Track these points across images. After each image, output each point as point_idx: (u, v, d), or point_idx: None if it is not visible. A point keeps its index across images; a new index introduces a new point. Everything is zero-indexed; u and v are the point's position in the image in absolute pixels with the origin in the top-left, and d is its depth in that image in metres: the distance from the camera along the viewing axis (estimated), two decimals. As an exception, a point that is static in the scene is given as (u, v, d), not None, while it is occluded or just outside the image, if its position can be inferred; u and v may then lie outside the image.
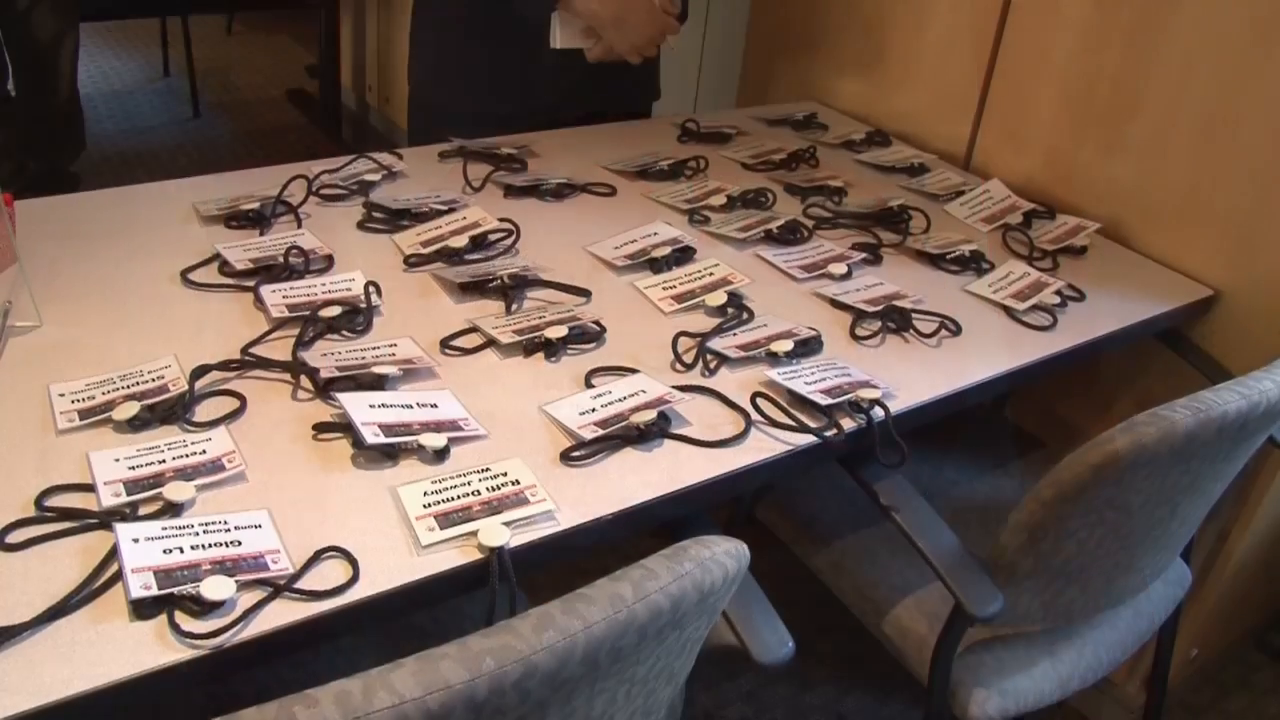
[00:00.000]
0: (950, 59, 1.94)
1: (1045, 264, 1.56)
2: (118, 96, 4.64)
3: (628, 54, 1.74)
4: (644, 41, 1.73)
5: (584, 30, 1.74)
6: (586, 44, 1.75)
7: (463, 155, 1.64)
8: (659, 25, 1.74)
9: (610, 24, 1.71)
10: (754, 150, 1.83)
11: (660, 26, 1.74)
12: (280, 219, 1.40)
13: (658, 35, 1.75)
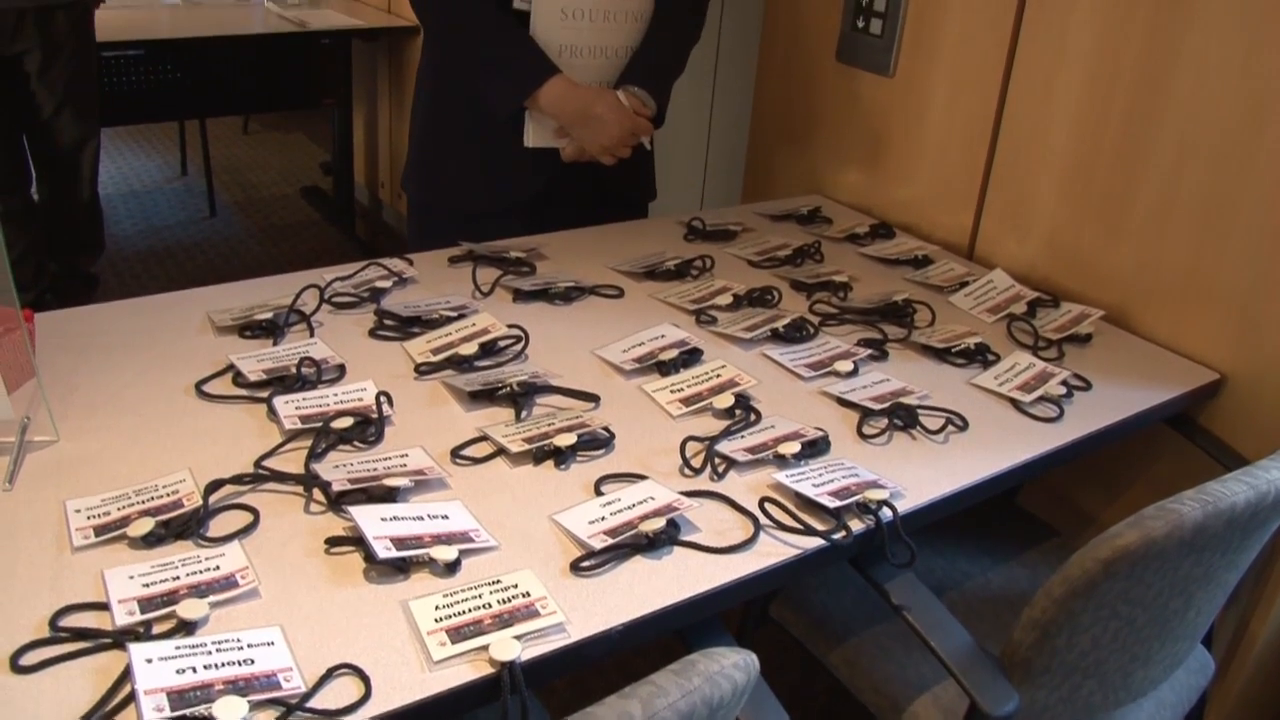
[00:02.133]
0: (950, 150, 1.97)
1: (1050, 353, 1.57)
2: (136, 196, 4.73)
3: (598, 154, 1.79)
4: (613, 142, 1.77)
5: (556, 130, 1.79)
6: (559, 143, 1.80)
7: (472, 259, 1.67)
8: (628, 125, 1.78)
9: (576, 124, 1.76)
10: (759, 247, 1.86)
11: (629, 126, 1.78)
12: (293, 328, 1.43)
13: (627, 136, 1.78)
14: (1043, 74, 1.79)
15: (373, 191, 4.53)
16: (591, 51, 1.80)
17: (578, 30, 1.77)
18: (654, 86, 1.82)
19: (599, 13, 1.78)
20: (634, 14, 1.82)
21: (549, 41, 1.77)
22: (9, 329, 1.23)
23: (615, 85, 1.81)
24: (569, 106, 1.74)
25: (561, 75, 1.75)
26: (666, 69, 1.87)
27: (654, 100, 1.82)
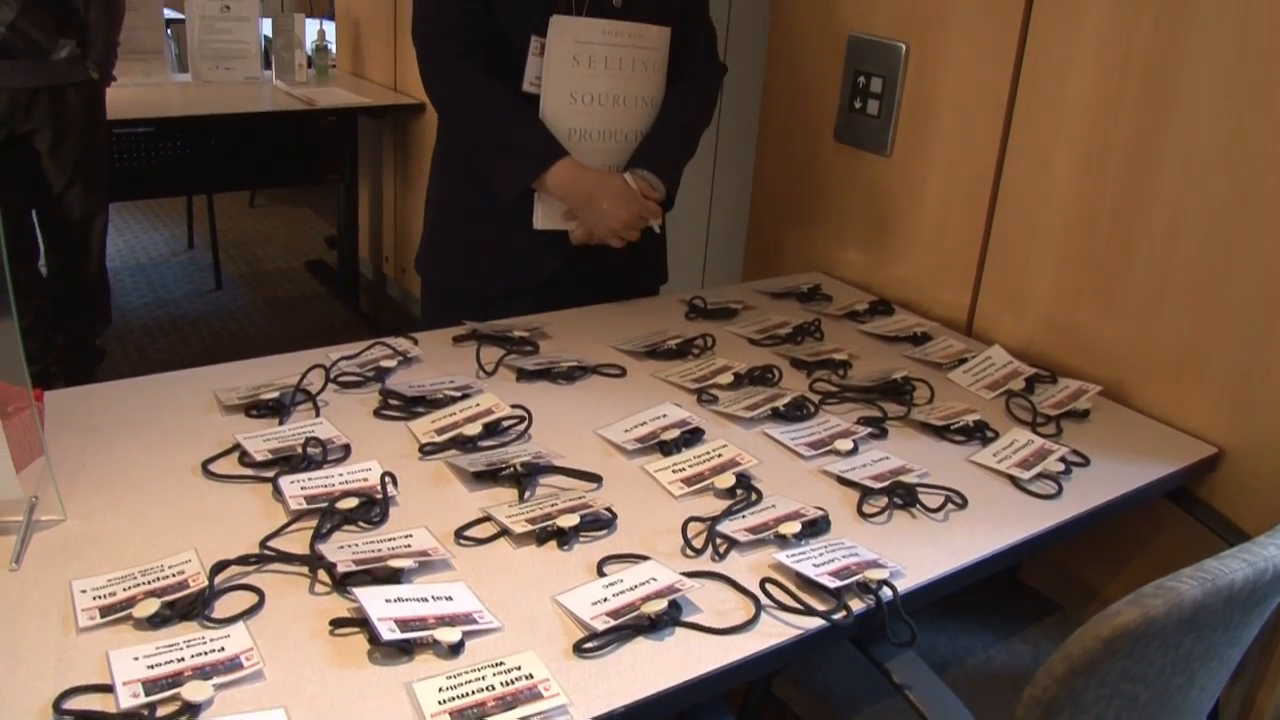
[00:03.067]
0: (947, 228, 2.00)
1: (1049, 429, 1.59)
2: (143, 269, 4.78)
3: (606, 237, 1.81)
4: (621, 225, 1.80)
5: (565, 212, 1.81)
6: (568, 226, 1.82)
7: (476, 339, 1.70)
8: (635, 208, 1.80)
9: (583, 206, 1.79)
10: (760, 325, 1.88)
11: (637, 210, 1.80)
12: (299, 407, 1.45)
13: (635, 220, 1.81)
14: (1036, 154, 1.82)
15: (377, 266, 4.57)
16: (601, 135, 1.83)
17: (587, 114, 1.81)
18: (663, 171, 1.85)
19: (609, 97, 1.81)
20: (645, 99, 1.86)
21: (558, 125, 1.80)
22: (19, 408, 1.24)
23: (624, 169, 1.84)
24: (576, 189, 1.77)
25: (569, 158, 1.78)
26: (676, 153, 1.90)
27: (662, 184, 1.85)
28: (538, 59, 1.79)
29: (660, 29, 1.85)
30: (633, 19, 1.81)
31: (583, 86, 1.79)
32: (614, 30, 1.79)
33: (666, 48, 1.87)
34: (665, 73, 1.89)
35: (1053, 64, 1.78)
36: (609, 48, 1.79)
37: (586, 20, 1.78)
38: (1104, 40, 1.69)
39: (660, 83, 1.88)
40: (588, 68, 1.79)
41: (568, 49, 1.77)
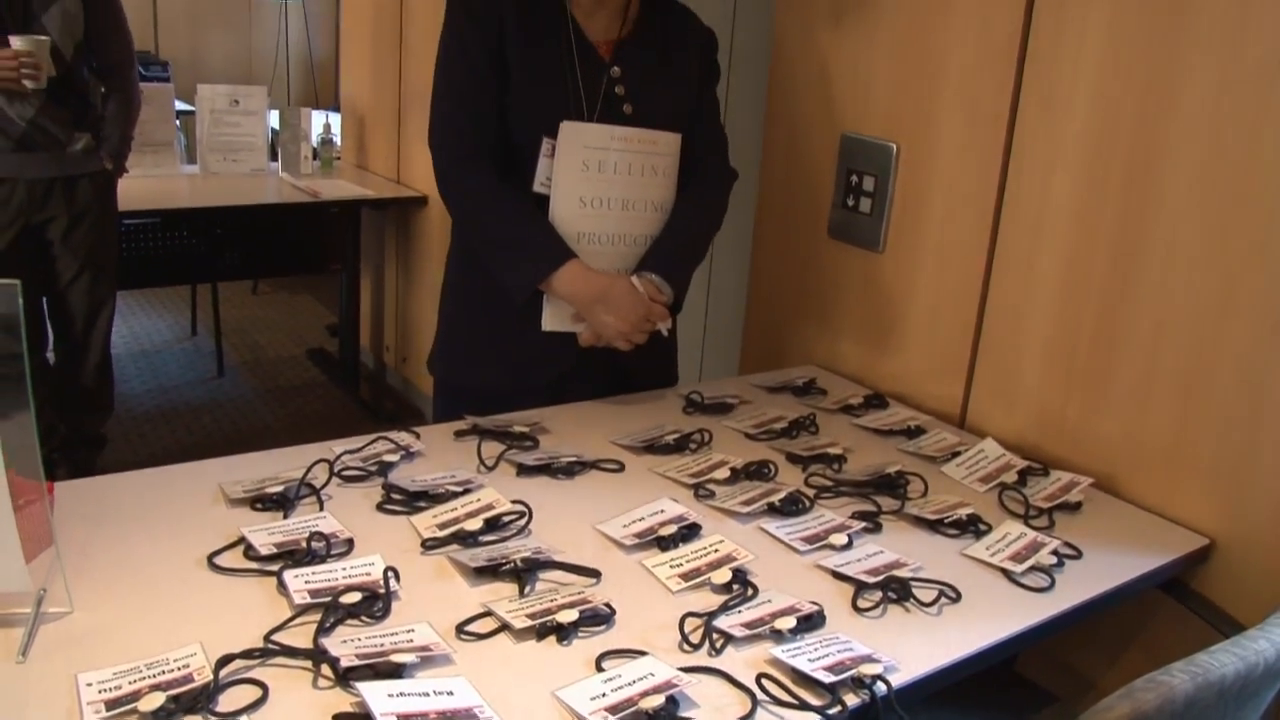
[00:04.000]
0: (939, 322, 2.04)
1: (1041, 522, 1.61)
2: (146, 356, 4.82)
3: (613, 340, 1.84)
4: (628, 328, 1.82)
5: (573, 314, 1.84)
6: (576, 328, 1.85)
7: (477, 434, 1.73)
8: (642, 311, 1.83)
9: (590, 309, 1.82)
10: (756, 419, 1.91)
11: (644, 313, 1.83)
12: (303, 501, 1.47)
13: (641, 322, 1.83)
14: (1024, 252, 1.87)
15: (377, 355, 4.62)
16: (610, 239, 1.86)
17: (596, 218, 1.84)
18: (671, 275, 1.87)
19: (618, 202, 1.85)
20: (654, 204, 1.89)
21: (567, 228, 1.83)
22: (31, 500, 1.27)
23: (633, 272, 1.87)
24: (583, 292, 1.81)
25: (576, 260, 1.81)
26: (685, 258, 1.93)
27: (670, 287, 1.88)
28: (548, 161, 1.83)
29: (671, 135, 1.89)
30: (644, 125, 1.86)
31: (592, 191, 1.83)
32: (624, 136, 1.83)
33: (677, 154, 1.91)
34: (676, 177, 1.92)
35: (1038, 165, 1.84)
36: (618, 153, 1.83)
37: (596, 126, 1.82)
38: (1087, 143, 1.75)
39: (671, 187, 1.92)
40: (597, 172, 1.82)
41: (577, 154, 1.81)
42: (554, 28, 1.85)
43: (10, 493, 1.20)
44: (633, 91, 1.88)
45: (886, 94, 2.11)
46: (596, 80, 1.86)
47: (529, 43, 1.82)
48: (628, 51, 1.89)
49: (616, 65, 1.87)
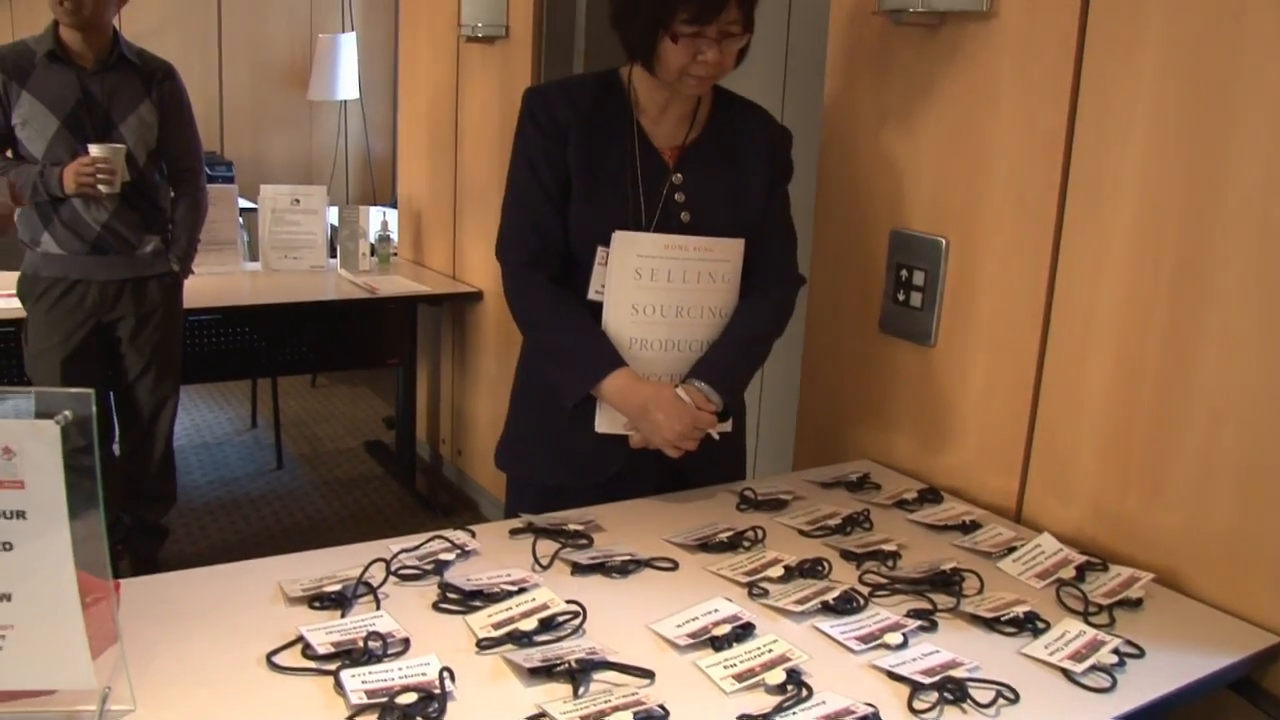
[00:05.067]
0: (992, 415, 2.04)
1: (1101, 619, 1.58)
2: (208, 448, 4.90)
3: (661, 446, 1.85)
4: (674, 437, 1.83)
5: (626, 419, 1.87)
6: (628, 431, 1.88)
7: (532, 532, 1.74)
8: (688, 421, 1.83)
9: (637, 418, 1.84)
10: (810, 516, 1.91)
11: (690, 422, 1.84)
12: (361, 599, 1.49)
13: (688, 431, 1.84)
14: (1075, 344, 1.87)
15: (434, 448, 4.66)
16: (663, 345, 1.89)
17: (648, 325, 1.87)
18: (721, 382, 1.88)
19: (671, 309, 1.87)
20: (711, 309, 1.91)
21: (619, 334, 1.87)
22: (98, 598, 1.30)
23: (683, 379, 1.89)
24: (630, 401, 1.83)
25: (624, 369, 1.84)
26: (738, 365, 1.94)
27: (720, 395, 1.88)
28: (602, 269, 1.87)
29: (732, 241, 1.91)
30: (702, 233, 1.89)
31: (644, 298, 1.86)
32: (679, 244, 1.86)
33: (739, 259, 1.92)
34: (737, 282, 1.94)
35: (1087, 257, 1.85)
36: (672, 260, 1.85)
37: (649, 235, 1.86)
38: (1136, 233, 1.76)
39: (731, 292, 1.93)
40: (650, 280, 1.85)
41: (629, 262, 1.85)
42: (620, 136, 1.90)
43: (79, 590, 1.23)
44: (692, 199, 1.91)
45: (934, 188, 2.13)
46: (657, 188, 1.90)
47: (594, 152, 1.88)
48: (692, 157, 1.94)
49: (679, 172, 1.92)
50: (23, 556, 1.19)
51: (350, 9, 6.61)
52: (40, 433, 1.12)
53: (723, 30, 1.77)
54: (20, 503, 1.16)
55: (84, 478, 1.17)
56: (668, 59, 1.80)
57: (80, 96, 3.07)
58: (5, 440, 1.12)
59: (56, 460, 1.13)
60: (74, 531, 1.20)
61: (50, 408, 1.16)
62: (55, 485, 1.15)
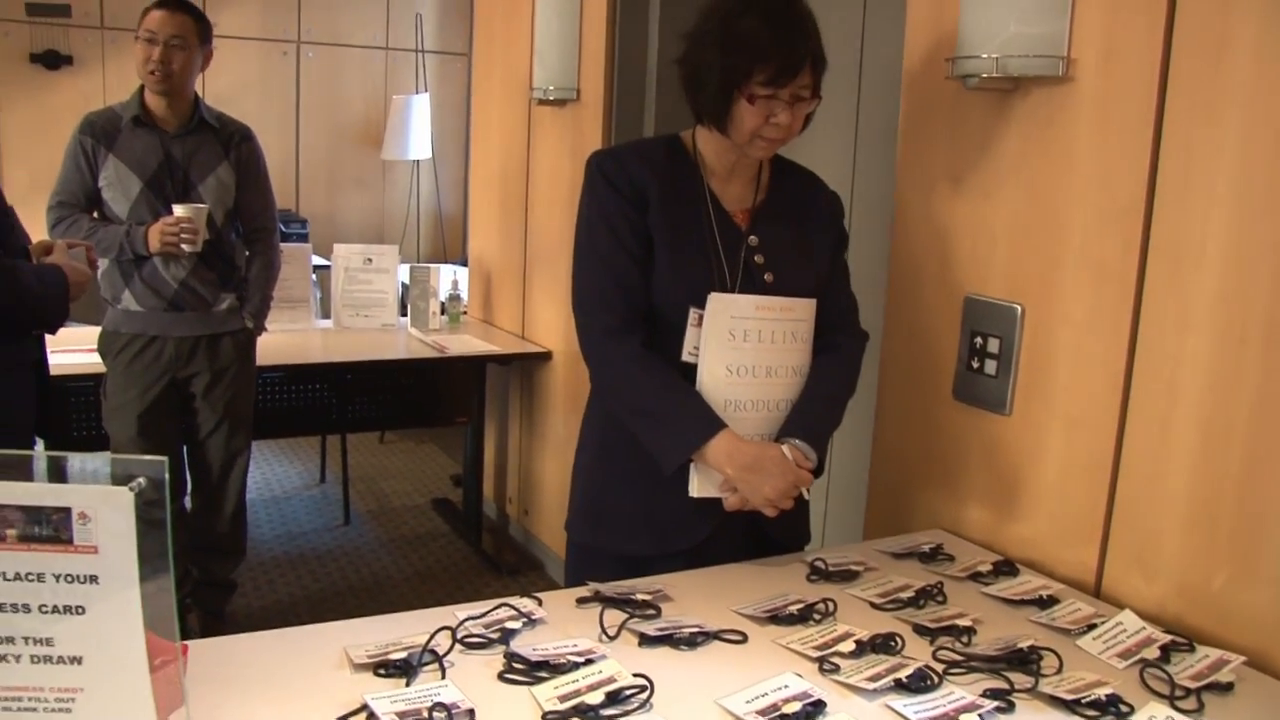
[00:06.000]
0: (1069, 486, 1.99)
1: (1189, 704, 1.52)
2: (276, 502, 4.96)
3: (761, 506, 1.84)
4: (777, 495, 1.82)
5: (721, 481, 1.85)
6: (723, 494, 1.86)
7: (600, 601, 1.72)
8: (791, 479, 1.83)
9: (742, 477, 1.82)
10: (882, 588, 1.87)
11: (793, 480, 1.83)
12: (426, 668, 1.48)
13: (790, 489, 1.83)
14: (1158, 413, 1.82)
15: (500, 506, 4.67)
16: (754, 405, 1.89)
17: (742, 385, 1.87)
18: (814, 439, 1.89)
19: (762, 369, 1.88)
20: (794, 368, 1.92)
21: (714, 395, 1.86)
22: (166, 661, 1.30)
23: (777, 438, 1.89)
24: (736, 461, 1.82)
25: (729, 430, 1.83)
26: (826, 422, 1.95)
27: (814, 453, 1.89)
28: (696, 330, 1.87)
29: (808, 301, 1.93)
30: (783, 293, 1.90)
31: (738, 359, 1.87)
32: (766, 305, 1.88)
33: (813, 318, 1.94)
34: (811, 342, 1.95)
35: (1169, 324, 1.80)
36: (762, 321, 1.87)
37: (742, 297, 1.87)
38: (1222, 299, 1.71)
39: (807, 351, 1.95)
40: (742, 341, 1.86)
41: (724, 324, 1.85)
42: (692, 198, 1.92)
43: (147, 653, 1.23)
44: (771, 261, 1.93)
45: (1009, 254, 2.10)
46: (736, 250, 1.92)
47: (670, 213, 1.89)
48: (763, 219, 1.96)
49: (754, 234, 1.93)
50: (94, 620, 1.20)
51: (424, 71, 6.74)
52: (115, 499, 1.13)
53: (795, 94, 1.82)
54: (93, 567, 1.17)
55: (157, 544, 1.18)
56: (741, 121, 1.82)
57: (162, 159, 3.17)
58: (81, 505, 1.14)
59: (130, 526, 1.14)
60: (144, 593, 1.21)
61: (125, 472, 1.17)
62: (128, 551, 1.16)
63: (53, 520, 1.15)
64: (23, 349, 2.25)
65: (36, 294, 2.16)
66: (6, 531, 1.15)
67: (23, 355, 2.25)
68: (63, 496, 1.15)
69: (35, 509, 1.15)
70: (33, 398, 2.29)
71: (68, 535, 1.15)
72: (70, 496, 1.15)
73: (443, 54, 6.83)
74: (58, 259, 2.27)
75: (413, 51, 6.72)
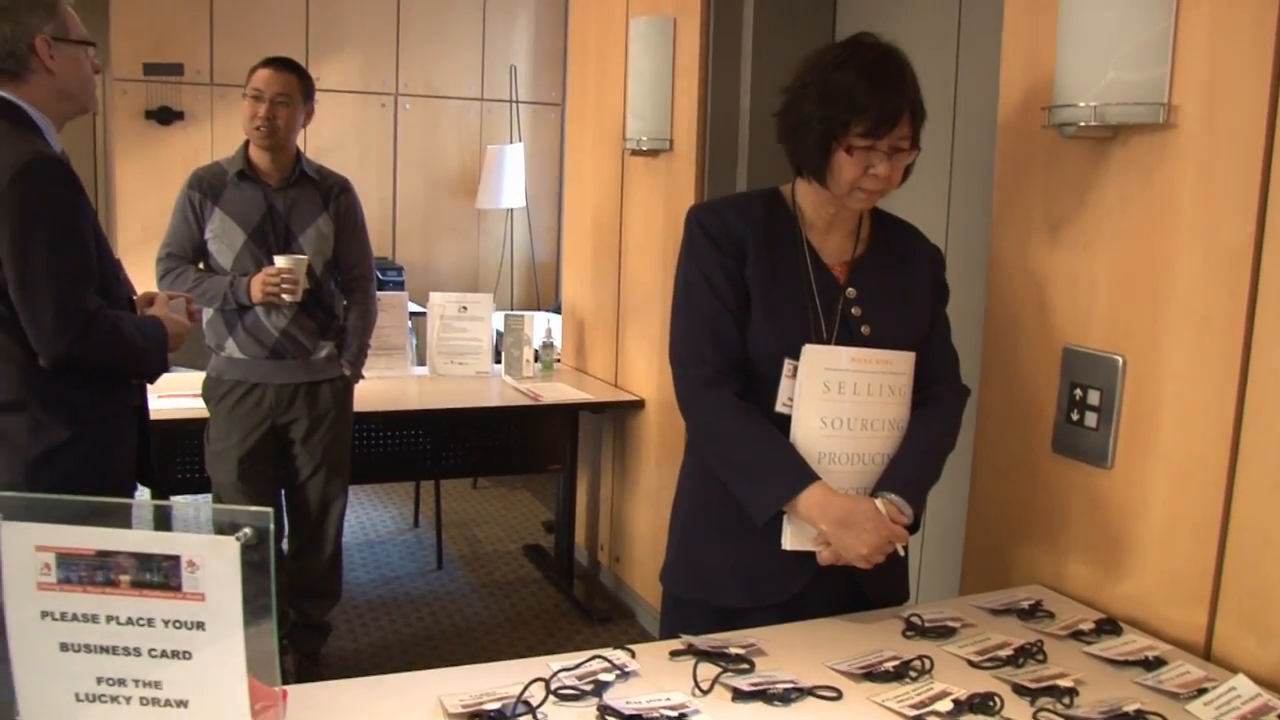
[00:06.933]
0: (1176, 542, 1.93)
1: (1310, 775, 1.47)
2: (371, 546, 5.02)
3: (855, 561, 1.81)
4: (870, 550, 1.80)
5: (815, 534, 1.84)
6: (817, 547, 1.84)
7: (693, 654, 1.71)
8: (885, 534, 1.81)
9: (834, 531, 1.80)
10: (979, 645, 1.83)
11: (886, 535, 1.81)
12: (520, 718, 1.48)
13: (884, 544, 1.81)
14: (1271, 467, 1.77)
15: (592, 554, 4.67)
16: (849, 459, 1.88)
17: (836, 438, 1.87)
18: (911, 495, 1.87)
19: (858, 422, 1.87)
20: (891, 422, 1.91)
21: (808, 448, 1.86)
22: (266, 706, 1.33)
23: (872, 492, 1.88)
24: (828, 514, 1.81)
25: (821, 483, 1.82)
26: (924, 477, 1.93)
27: (910, 508, 1.87)
28: (790, 381, 1.87)
29: (906, 355, 1.92)
30: (881, 345, 1.90)
31: (832, 412, 1.86)
32: (862, 358, 1.87)
33: (911, 372, 1.93)
34: (910, 396, 1.94)
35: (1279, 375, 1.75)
36: (857, 374, 1.86)
37: (837, 349, 1.87)
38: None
39: (905, 405, 1.93)
40: (837, 393, 1.86)
41: (819, 376, 1.85)
42: (791, 251, 1.93)
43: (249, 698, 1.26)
44: (869, 313, 1.92)
45: (1110, 304, 2.06)
46: (833, 302, 1.92)
47: (769, 267, 1.90)
48: (862, 272, 1.95)
49: (852, 287, 1.93)
50: (200, 665, 1.24)
51: (518, 121, 6.86)
52: (222, 548, 1.17)
53: (893, 145, 1.82)
54: (200, 614, 1.20)
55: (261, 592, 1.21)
56: (840, 172, 1.83)
57: (265, 211, 3.27)
58: (189, 554, 1.17)
59: (236, 575, 1.17)
60: (247, 638, 1.23)
61: (230, 521, 1.20)
62: (233, 598, 1.19)
63: (163, 567, 1.18)
64: (125, 396, 2.32)
65: (138, 345, 2.24)
66: (120, 577, 1.19)
67: (125, 402, 2.33)
68: (173, 545, 1.18)
69: (147, 556, 1.18)
70: (134, 443, 2.36)
71: (177, 582, 1.19)
72: (180, 545, 1.18)
73: (536, 104, 6.94)
74: (159, 311, 2.35)
75: (507, 102, 6.85)
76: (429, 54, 6.60)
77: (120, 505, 1.35)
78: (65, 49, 2.19)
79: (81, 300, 2.10)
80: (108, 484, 2.23)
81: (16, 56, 2.13)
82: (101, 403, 2.24)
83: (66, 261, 2.10)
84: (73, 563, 1.19)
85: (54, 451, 2.15)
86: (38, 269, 2.06)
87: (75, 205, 2.14)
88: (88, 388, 2.20)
